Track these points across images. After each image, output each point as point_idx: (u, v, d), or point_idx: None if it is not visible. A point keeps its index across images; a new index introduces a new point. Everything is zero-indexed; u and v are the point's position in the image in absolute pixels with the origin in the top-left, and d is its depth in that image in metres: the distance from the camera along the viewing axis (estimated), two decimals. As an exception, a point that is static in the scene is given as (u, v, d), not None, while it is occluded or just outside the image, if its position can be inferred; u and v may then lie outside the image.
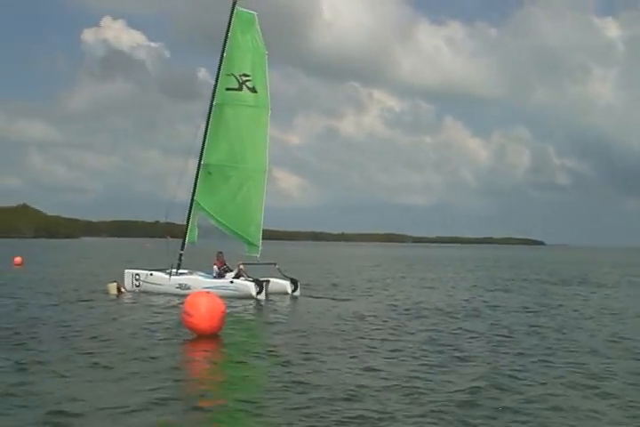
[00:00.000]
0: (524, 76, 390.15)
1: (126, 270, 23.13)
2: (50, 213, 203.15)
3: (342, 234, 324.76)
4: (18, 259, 40.68)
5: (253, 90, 22.63)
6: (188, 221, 22.95)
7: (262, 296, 20.96)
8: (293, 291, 22.54)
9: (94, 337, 12.78)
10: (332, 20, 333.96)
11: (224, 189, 22.76)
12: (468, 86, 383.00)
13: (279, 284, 22.53)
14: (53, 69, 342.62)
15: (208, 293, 14.11)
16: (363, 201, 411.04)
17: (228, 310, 17.07)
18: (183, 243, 22.97)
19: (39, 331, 13.52)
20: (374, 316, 17.57)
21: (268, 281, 22.13)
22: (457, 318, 17.41)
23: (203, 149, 22.82)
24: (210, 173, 22.76)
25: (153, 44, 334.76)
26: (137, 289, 22.36)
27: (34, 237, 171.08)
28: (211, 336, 12.88)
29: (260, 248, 22.84)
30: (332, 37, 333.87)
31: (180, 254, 22.77)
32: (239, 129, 22.76)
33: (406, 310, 19.18)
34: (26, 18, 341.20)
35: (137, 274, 22.70)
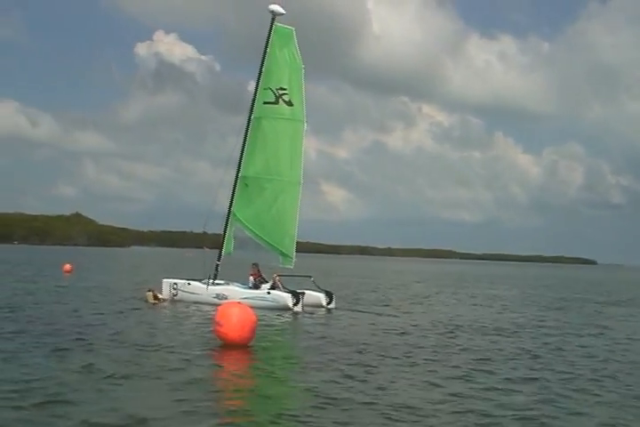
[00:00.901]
0: (578, 92, 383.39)
1: (164, 280, 23.54)
2: (102, 222, 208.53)
3: (388, 249, 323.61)
4: (67, 266, 41.79)
5: (290, 103, 23.07)
6: (224, 233, 23.39)
7: (299, 308, 21.15)
8: (328, 303, 22.71)
9: (125, 346, 12.86)
10: (382, 34, 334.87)
11: (259, 200, 23.22)
12: (519, 101, 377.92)
13: (314, 296, 22.68)
14: (108, 81, 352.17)
15: (239, 303, 14.22)
16: (409, 216, 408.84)
17: (263, 321, 17.40)
18: (220, 253, 23.38)
19: (67, 338, 13.72)
20: (409, 331, 17.51)
21: (304, 293, 22.24)
22: (501, 336, 17.17)
23: (240, 161, 23.34)
24: (247, 184, 23.25)
25: (203, 58, 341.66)
26: (174, 298, 22.73)
27: (86, 246, 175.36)
28: (242, 347, 12.95)
29: (294, 260, 23.12)
30: (381, 51, 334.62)
31: (217, 265, 23.16)
32: (275, 142, 23.24)
33: (445, 326, 18.99)
34: (82, 32, 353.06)
35: (175, 283, 23.10)
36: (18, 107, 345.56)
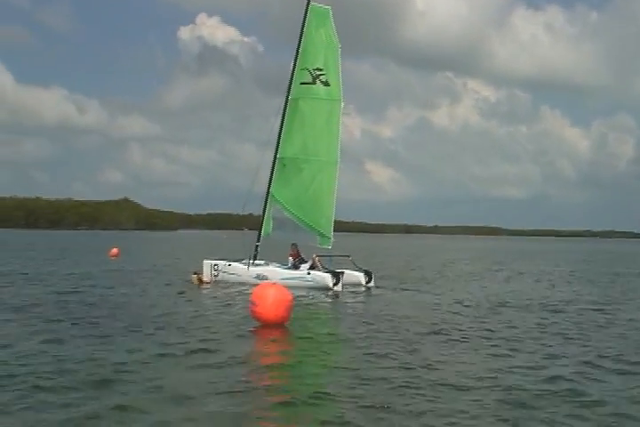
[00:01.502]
0: (627, 62, 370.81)
1: (205, 261, 23.69)
2: (149, 207, 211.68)
3: (435, 227, 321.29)
4: (114, 250, 42.54)
5: (326, 83, 23.02)
6: (263, 214, 23.58)
7: (338, 287, 21.27)
8: (367, 282, 22.82)
9: (165, 326, 13.09)
10: (426, 10, 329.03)
11: (297, 181, 23.32)
12: (567, 74, 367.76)
13: (353, 275, 22.81)
14: (152, 66, 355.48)
15: (275, 284, 14.35)
16: (456, 194, 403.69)
17: (303, 301, 17.85)
18: (259, 235, 23.59)
19: (110, 318, 14.02)
20: (451, 309, 17.46)
21: (343, 272, 22.31)
22: (548, 313, 16.99)
23: (278, 142, 23.39)
24: (284, 165, 23.37)
25: (246, 39, 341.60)
26: (215, 279, 22.94)
27: (134, 230, 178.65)
28: (278, 326, 13.06)
29: (332, 240, 23.22)
30: (425, 27, 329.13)
31: (257, 246, 23.38)
32: (312, 122, 23.25)
33: (489, 303, 18.87)
34: (126, 18, 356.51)
35: (215, 264, 23.29)
36: (66, 94, 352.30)
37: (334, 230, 23.48)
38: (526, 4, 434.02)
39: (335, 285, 21.27)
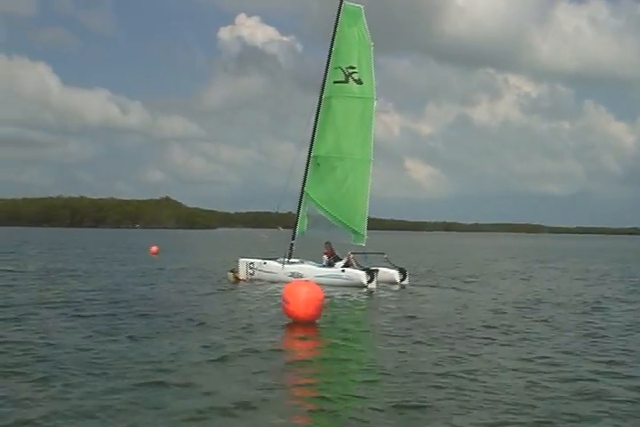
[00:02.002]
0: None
1: (240, 259, 23.90)
2: (190, 206, 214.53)
3: (475, 224, 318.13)
4: (154, 248, 43.13)
5: (359, 82, 23.07)
6: (298, 212, 23.69)
7: (373, 285, 21.30)
8: (402, 280, 22.86)
9: (201, 324, 13.16)
10: (465, 6, 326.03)
11: (331, 179, 23.39)
12: (611, 68, 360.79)
13: (388, 273, 22.85)
14: (192, 67, 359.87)
15: (307, 281, 14.48)
16: (497, 191, 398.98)
17: (337, 299, 18.10)
18: (294, 233, 23.68)
19: (148, 316, 14.18)
20: (487, 307, 17.28)
21: (377, 270, 22.37)
22: (587, 312, 16.71)
23: (312, 141, 23.50)
24: (318, 164, 23.44)
25: (285, 39, 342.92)
26: (251, 277, 23.14)
27: (175, 228, 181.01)
28: (309, 324, 13.15)
29: (366, 237, 23.24)
30: (465, 23, 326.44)
31: (291, 244, 23.44)
32: (346, 120, 23.29)
33: (528, 301, 18.63)
34: (167, 19, 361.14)
35: (251, 263, 23.48)
36: (109, 95, 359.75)
37: (369, 228, 23.52)
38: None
39: (369, 282, 21.29)
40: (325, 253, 23.06)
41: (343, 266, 22.33)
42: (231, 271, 23.34)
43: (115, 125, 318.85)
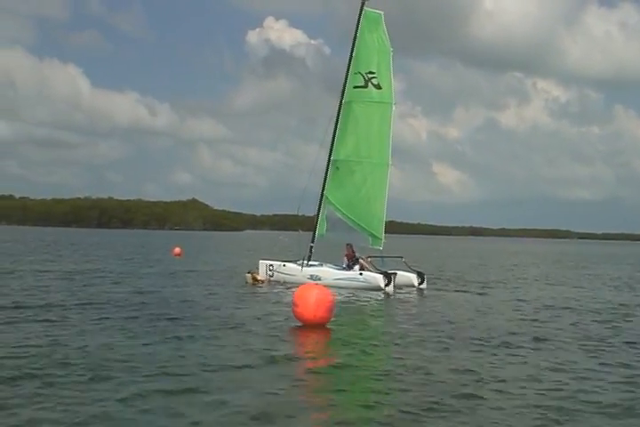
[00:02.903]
0: None
1: (261, 261, 24.30)
2: (217, 207, 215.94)
3: (502, 229, 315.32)
4: (177, 249, 43.51)
5: (378, 86, 23.41)
6: (318, 215, 23.99)
7: (390, 288, 21.45)
8: (420, 284, 22.97)
9: (218, 326, 13.22)
10: (494, 10, 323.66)
11: (349, 183, 23.71)
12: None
13: (406, 276, 23.04)
14: (220, 70, 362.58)
15: (317, 284, 14.65)
16: (525, 196, 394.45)
17: (353, 301, 18.35)
18: (314, 235, 23.96)
19: (163, 317, 14.21)
20: (504, 312, 17.17)
21: (395, 273, 22.58)
22: (603, 319, 16.39)
23: (332, 145, 23.81)
24: (338, 168, 23.79)
25: (313, 42, 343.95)
26: (270, 279, 23.44)
27: (202, 230, 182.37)
28: (319, 327, 13.18)
29: (384, 241, 23.48)
30: (494, 27, 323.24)
31: (311, 246, 23.73)
32: (365, 125, 23.61)
33: (546, 307, 18.45)
34: (195, 22, 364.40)
35: (271, 264, 23.84)
36: (138, 97, 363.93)
37: (396, 232, 24.34)
38: (598, 2, 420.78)
39: (387, 285, 21.44)
40: (346, 256, 23.23)
41: (359, 270, 22.48)
42: (249, 273, 23.65)
43: (143, 127, 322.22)
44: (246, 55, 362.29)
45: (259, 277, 23.47)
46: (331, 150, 23.90)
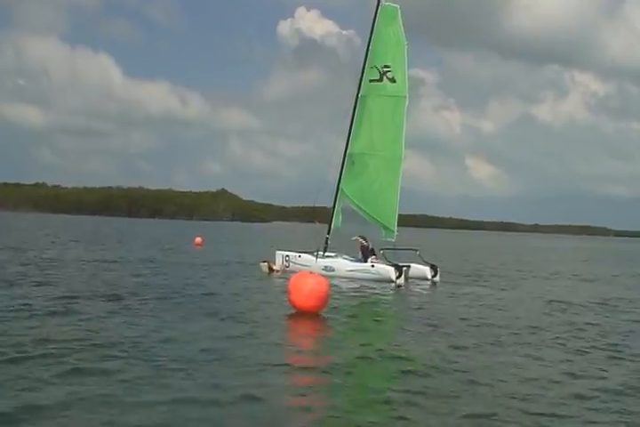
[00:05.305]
0: None
1: (277, 251, 24.79)
2: (246, 198, 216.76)
3: (535, 225, 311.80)
4: (198, 239, 43.69)
5: (393, 80, 23.62)
6: (334, 207, 24.40)
7: (401, 281, 21.63)
8: (433, 276, 23.18)
9: (219, 315, 13.18)
10: (533, 2, 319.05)
11: (363, 176, 24.03)
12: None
13: (418, 269, 23.28)
14: (251, 60, 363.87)
15: (311, 273, 14.73)
16: (560, 191, 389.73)
17: (361, 292, 18.66)
18: (329, 228, 24.40)
19: (172, 305, 14.25)
20: (517, 308, 16.91)
21: (408, 266, 22.88)
22: (618, 317, 15.99)
23: (348, 139, 24.13)
24: (353, 162, 24.15)
25: (344, 32, 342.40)
26: (286, 269, 23.74)
27: (230, 221, 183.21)
28: (312, 315, 13.26)
29: (396, 233, 23.84)
30: (531, 19, 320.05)
31: (327, 238, 24.17)
32: (379, 118, 23.83)
33: (564, 304, 17.99)
34: (226, 11, 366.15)
35: (287, 255, 24.29)
36: (170, 87, 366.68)
37: (427, 226, 24.81)
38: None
39: (398, 278, 21.64)
40: (360, 248, 23.49)
41: (362, 260, 22.89)
42: (264, 262, 24.20)
43: (175, 117, 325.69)
44: (277, 45, 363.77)
45: (274, 267, 24.02)
46: (347, 144, 24.22)
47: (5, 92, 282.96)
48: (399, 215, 23.99)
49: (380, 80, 23.66)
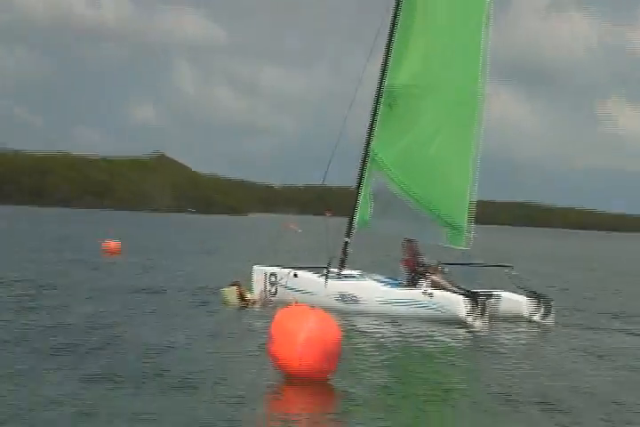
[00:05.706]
0: None
1: (256, 267, 16.40)
2: (201, 171, 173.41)
3: None
4: (112, 243, 29.70)
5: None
6: (358, 189, 16.09)
7: (479, 321, 14.35)
8: (538, 314, 15.56)
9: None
10: None
11: (411, 131, 15.77)
12: None
13: (513, 301, 15.69)
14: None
15: (313, 307, 9.69)
16: None
17: (414, 343, 12.89)
18: (350, 224, 16.10)
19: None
20: None
21: (492, 295, 15.48)
22: None
23: (386, 63, 15.62)
24: (390, 105, 15.71)
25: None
26: (271, 298, 15.82)
27: (172, 211, 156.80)
28: (311, 383, 8.85)
29: (472, 235, 15.40)
30: None
31: (346, 243, 16.14)
32: (440, 26, 15.67)
33: None
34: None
35: (272, 273, 16.08)
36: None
37: (537, 225, 17.16)
38: None
39: (472, 315, 14.50)
40: (405, 262, 15.70)
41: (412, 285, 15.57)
42: (233, 285, 15.78)
43: (75, 23, 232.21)
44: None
45: (249, 296, 15.85)
46: (383, 73, 15.63)
47: None
48: (477, 203, 15.29)
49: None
